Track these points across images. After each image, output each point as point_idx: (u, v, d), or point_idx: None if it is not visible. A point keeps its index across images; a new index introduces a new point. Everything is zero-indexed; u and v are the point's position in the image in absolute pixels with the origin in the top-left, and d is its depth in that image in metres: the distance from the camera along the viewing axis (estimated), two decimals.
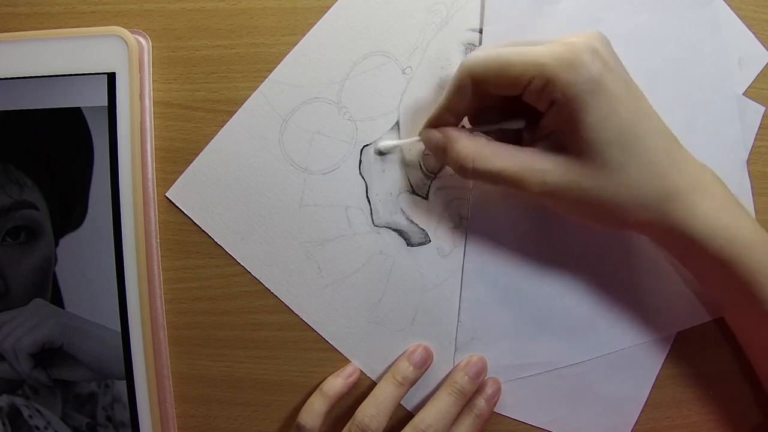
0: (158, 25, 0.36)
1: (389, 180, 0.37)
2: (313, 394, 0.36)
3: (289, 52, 0.36)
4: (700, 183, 0.30)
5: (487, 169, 0.31)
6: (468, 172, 0.32)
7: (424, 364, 0.36)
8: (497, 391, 0.36)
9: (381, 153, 0.36)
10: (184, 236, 0.37)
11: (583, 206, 0.31)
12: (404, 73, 0.36)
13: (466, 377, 0.35)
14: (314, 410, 0.35)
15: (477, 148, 0.31)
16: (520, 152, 0.31)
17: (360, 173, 0.37)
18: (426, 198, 0.37)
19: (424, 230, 0.37)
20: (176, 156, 0.36)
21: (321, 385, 0.36)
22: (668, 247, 0.33)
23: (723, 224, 0.30)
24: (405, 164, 0.37)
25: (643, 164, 0.29)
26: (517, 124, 0.33)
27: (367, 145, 0.36)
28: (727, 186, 0.31)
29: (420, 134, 0.34)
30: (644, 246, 0.36)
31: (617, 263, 0.37)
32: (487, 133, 0.33)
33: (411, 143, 0.36)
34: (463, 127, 0.34)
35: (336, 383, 0.36)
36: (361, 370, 0.37)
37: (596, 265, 0.37)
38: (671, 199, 0.30)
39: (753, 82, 0.37)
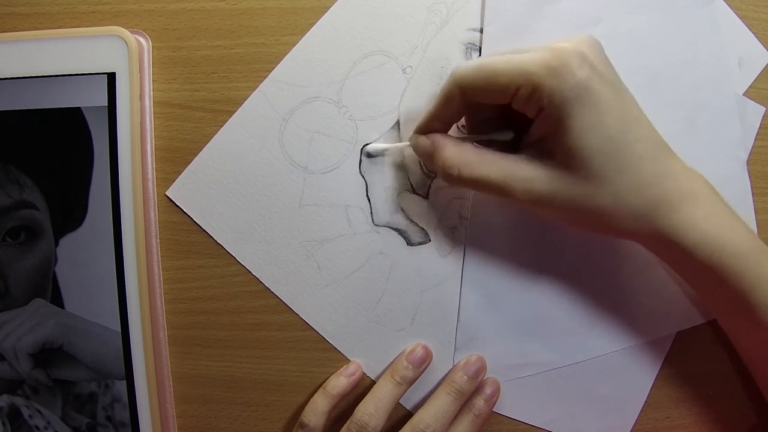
0: (158, 25, 0.36)
1: (389, 179, 0.37)
2: (317, 393, 0.36)
3: (289, 52, 0.36)
4: (690, 191, 0.30)
5: (472, 177, 0.31)
6: (453, 179, 0.32)
7: (423, 363, 0.36)
8: (496, 391, 0.36)
9: (369, 155, 0.36)
10: (184, 236, 0.37)
11: (570, 214, 0.31)
12: (404, 73, 0.36)
13: (465, 377, 0.35)
14: (317, 409, 0.35)
15: (463, 156, 0.31)
16: (506, 160, 0.31)
17: (360, 172, 0.37)
18: (426, 197, 0.37)
19: (424, 230, 0.37)
20: (176, 156, 0.36)
21: (324, 384, 0.36)
22: (660, 255, 0.32)
23: (713, 232, 0.29)
24: (405, 163, 0.37)
25: (630, 173, 0.29)
26: (504, 136, 0.33)
27: (367, 144, 0.36)
28: (720, 194, 0.31)
29: (410, 139, 0.34)
30: (643, 247, 0.36)
31: (616, 264, 0.37)
32: (479, 142, 0.33)
33: (400, 148, 0.36)
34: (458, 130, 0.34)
35: (339, 382, 0.36)
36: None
37: (596, 265, 0.37)
38: (660, 207, 0.29)
39: (753, 82, 0.37)
